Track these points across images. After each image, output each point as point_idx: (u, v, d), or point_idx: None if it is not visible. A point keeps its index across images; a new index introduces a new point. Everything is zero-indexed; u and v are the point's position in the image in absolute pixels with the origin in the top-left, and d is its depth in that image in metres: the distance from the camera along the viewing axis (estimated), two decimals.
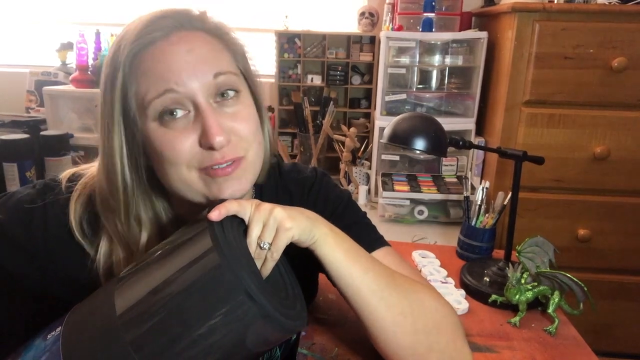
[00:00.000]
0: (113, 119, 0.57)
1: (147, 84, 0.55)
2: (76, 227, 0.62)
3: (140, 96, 0.56)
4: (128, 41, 0.56)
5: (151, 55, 0.56)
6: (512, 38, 1.48)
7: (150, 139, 0.57)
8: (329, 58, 2.03)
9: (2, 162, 1.62)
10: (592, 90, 1.47)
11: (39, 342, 0.52)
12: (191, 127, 0.56)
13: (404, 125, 0.98)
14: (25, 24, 2.32)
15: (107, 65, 0.58)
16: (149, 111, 0.55)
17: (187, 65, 0.55)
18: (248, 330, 0.46)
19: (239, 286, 0.45)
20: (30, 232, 0.62)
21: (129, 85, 0.56)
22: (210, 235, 0.48)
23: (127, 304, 0.47)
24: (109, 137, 0.58)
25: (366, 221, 0.77)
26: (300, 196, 0.74)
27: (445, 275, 1.02)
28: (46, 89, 1.91)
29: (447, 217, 1.67)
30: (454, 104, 1.84)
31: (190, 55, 0.56)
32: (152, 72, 0.55)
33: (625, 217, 1.56)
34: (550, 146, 1.52)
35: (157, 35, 0.56)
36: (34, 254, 0.63)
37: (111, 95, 0.57)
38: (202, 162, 0.56)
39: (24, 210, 0.63)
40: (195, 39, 0.58)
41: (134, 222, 0.61)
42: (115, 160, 0.58)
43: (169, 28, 0.57)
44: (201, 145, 0.56)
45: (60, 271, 0.64)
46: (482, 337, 0.83)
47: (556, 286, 0.86)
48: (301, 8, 2.13)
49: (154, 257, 0.51)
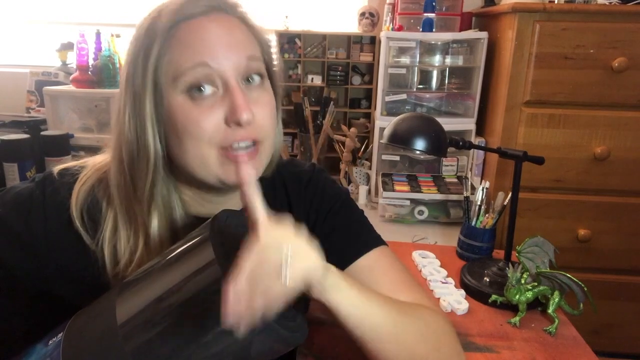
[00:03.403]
0: (146, 86, 0.57)
1: (183, 54, 0.56)
2: (77, 215, 0.62)
3: (173, 66, 0.57)
4: (168, 11, 0.57)
5: (190, 28, 0.57)
6: (512, 38, 1.48)
7: (175, 113, 0.57)
8: (329, 58, 2.03)
9: (3, 162, 1.62)
10: (592, 91, 1.47)
11: (40, 348, 0.52)
12: (218, 104, 0.57)
13: (404, 125, 0.98)
14: (25, 24, 2.32)
15: (143, 32, 0.58)
16: (179, 82, 0.56)
17: (222, 43, 0.57)
18: (249, 343, 0.46)
19: None
20: (29, 225, 0.62)
21: (163, 53, 0.57)
22: (212, 246, 0.48)
23: (128, 313, 0.47)
24: (140, 103, 0.57)
25: (364, 219, 0.77)
26: (297, 191, 0.74)
27: (445, 276, 1.02)
28: (46, 89, 1.91)
29: (447, 217, 1.67)
30: (454, 104, 1.84)
31: (227, 35, 0.58)
32: (188, 44, 0.56)
33: (626, 217, 1.56)
34: (550, 146, 1.52)
35: (198, 11, 0.58)
36: (33, 247, 0.62)
37: (144, 62, 0.57)
38: (225, 139, 0.57)
39: (22, 203, 0.63)
40: (232, 22, 0.60)
41: (153, 200, 0.61)
42: (147, 126, 0.58)
43: (210, 7, 0.59)
44: (227, 122, 0.57)
45: (60, 264, 0.63)
46: (482, 337, 0.83)
47: (556, 286, 0.86)
48: (301, 8, 2.13)
49: (156, 267, 0.51)
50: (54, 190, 0.64)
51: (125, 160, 0.60)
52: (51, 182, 0.65)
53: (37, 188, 0.64)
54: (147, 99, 0.57)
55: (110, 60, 1.91)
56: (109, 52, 1.91)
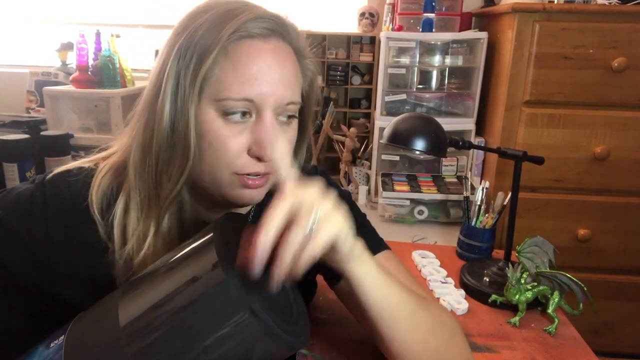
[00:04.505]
0: (192, 91, 0.55)
1: (232, 79, 0.55)
2: (97, 204, 0.61)
3: (220, 86, 0.55)
4: (237, 21, 0.55)
5: (247, 51, 0.56)
6: (512, 38, 1.48)
7: (204, 125, 0.56)
8: (329, 58, 2.03)
9: (3, 162, 1.62)
10: (592, 90, 1.48)
11: (41, 350, 0.52)
12: (247, 131, 0.57)
13: (404, 125, 0.98)
14: (25, 24, 2.32)
15: (200, 33, 0.55)
16: (220, 104, 0.55)
17: (272, 81, 0.56)
18: (251, 347, 0.46)
19: (244, 302, 0.45)
20: (29, 226, 0.62)
21: (215, 67, 0.55)
22: (216, 250, 0.48)
23: (131, 316, 0.47)
24: (184, 105, 0.56)
25: (366, 223, 0.77)
26: None
27: (445, 276, 1.02)
28: (46, 89, 1.91)
29: (447, 217, 1.67)
30: (454, 104, 1.84)
31: (279, 72, 0.56)
32: (241, 71, 0.55)
33: (625, 217, 1.56)
34: (550, 146, 1.52)
35: (259, 32, 0.56)
36: (34, 249, 0.62)
37: (196, 68, 0.55)
38: (243, 168, 0.57)
39: (22, 204, 0.63)
40: (287, 56, 0.59)
41: (171, 204, 0.60)
42: (190, 131, 0.56)
43: (269, 31, 0.57)
44: (249, 152, 0.57)
45: (62, 266, 0.63)
46: (482, 337, 0.83)
47: (556, 286, 0.86)
48: (301, 8, 2.13)
49: (159, 269, 0.51)
50: (56, 192, 0.63)
51: (157, 153, 0.58)
52: (52, 184, 0.64)
53: (37, 189, 0.64)
54: (192, 103, 0.56)
55: (110, 60, 1.90)
56: (109, 52, 1.91)
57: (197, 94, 0.56)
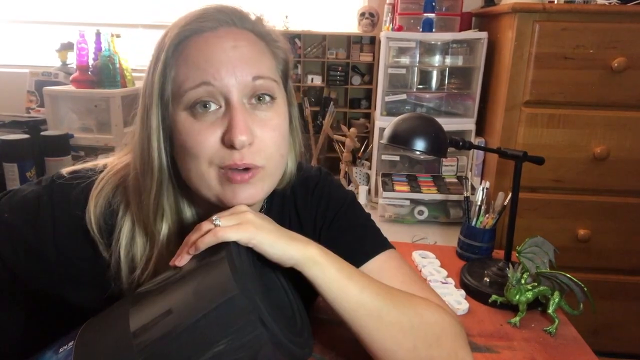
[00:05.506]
0: (152, 99, 0.57)
1: (186, 72, 0.56)
2: (94, 222, 0.61)
3: (177, 83, 0.56)
4: (177, 26, 0.57)
5: (195, 44, 0.56)
6: (512, 38, 1.48)
7: (178, 128, 0.57)
8: (329, 58, 2.03)
9: (3, 162, 1.62)
10: (592, 91, 1.48)
11: (49, 355, 0.52)
12: (219, 122, 0.56)
13: (404, 125, 0.98)
14: (25, 24, 2.32)
15: (155, 46, 0.59)
16: (183, 99, 0.56)
17: (228, 60, 0.56)
18: (258, 356, 0.46)
19: (254, 313, 0.46)
20: (37, 230, 0.61)
21: (169, 69, 0.57)
22: (228, 263, 0.49)
23: (141, 324, 0.48)
24: (148, 116, 0.58)
25: (370, 223, 0.76)
26: (304, 196, 0.74)
27: (445, 276, 1.02)
28: (46, 89, 1.91)
29: (447, 218, 1.67)
30: (454, 104, 1.84)
31: (233, 51, 0.56)
32: (192, 61, 0.56)
33: (625, 217, 1.57)
34: (550, 146, 1.52)
35: (206, 26, 0.57)
36: (41, 252, 0.61)
37: (152, 76, 0.57)
38: (223, 160, 0.56)
39: (29, 207, 0.62)
40: (242, 37, 0.58)
41: (159, 210, 0.61)
42: (152, 139, 0.58)
43: (220, 22, 0.58)
44: (223, 142, 0.55)
45: (69, 269, 0.62)
46: (482, 337, 0.83)
47: (556, 286, 0.86)
48: (301, 8, 2.13)
49: (170, 279, 0.52)
50: (63, 195, 0.62)
51: (136, 170, 0.60)
52: (59, 186, 0.63)
53: (44, 192, 0.63)
54: (154, 114, 0.57)
55: (110, 60, 1.90)
56: (109, 52, 1.91)
57: (157, 102, 0.57)
